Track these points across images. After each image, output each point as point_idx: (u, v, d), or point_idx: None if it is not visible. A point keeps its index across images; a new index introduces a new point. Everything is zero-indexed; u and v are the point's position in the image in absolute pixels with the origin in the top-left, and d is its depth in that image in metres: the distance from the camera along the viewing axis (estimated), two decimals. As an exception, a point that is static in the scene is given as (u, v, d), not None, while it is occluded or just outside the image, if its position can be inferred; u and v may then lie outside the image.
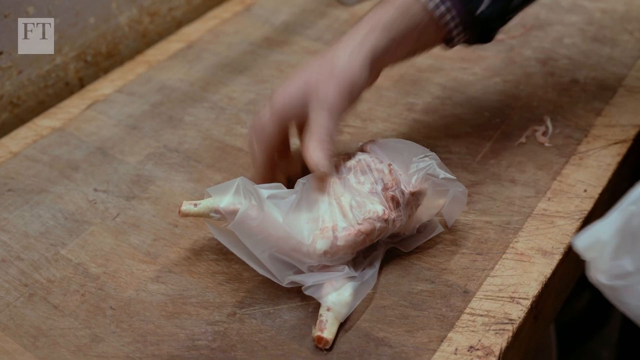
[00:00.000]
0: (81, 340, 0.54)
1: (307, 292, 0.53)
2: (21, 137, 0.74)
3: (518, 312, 0.54)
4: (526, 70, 0.79)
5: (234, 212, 0.54)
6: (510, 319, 0.53)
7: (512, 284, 0.56)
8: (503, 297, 0.55)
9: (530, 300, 0.55)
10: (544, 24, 0.86)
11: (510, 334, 0.52)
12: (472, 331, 0.52)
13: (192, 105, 0.78)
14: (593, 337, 1.32)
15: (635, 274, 0.45)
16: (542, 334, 0.64)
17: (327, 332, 0.52)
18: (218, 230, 0.56)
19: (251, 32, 0.90)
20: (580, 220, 0.61)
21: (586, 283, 1.21)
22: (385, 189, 0.56)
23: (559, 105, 0.74)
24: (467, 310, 0.54)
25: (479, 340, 0.52)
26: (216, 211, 0.55)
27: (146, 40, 0.92)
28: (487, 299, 0.55)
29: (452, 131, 0.71)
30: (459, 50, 0.83)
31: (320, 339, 0.51)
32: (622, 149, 0.68)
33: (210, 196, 0.56)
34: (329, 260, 0.54)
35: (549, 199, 0.63)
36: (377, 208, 0.55)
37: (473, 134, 0.70)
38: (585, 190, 0.63)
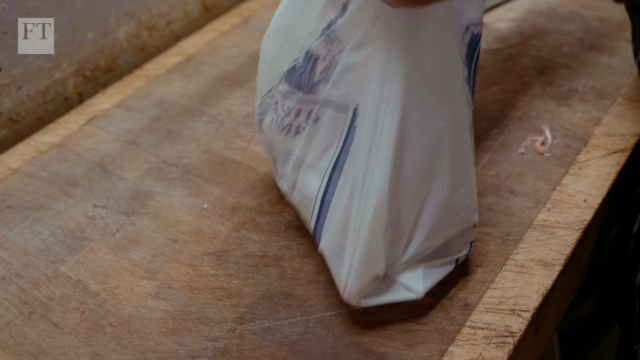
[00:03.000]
0: (81, 358, 0.54)
1: None
2: (20, 153, 0.74)
3: (519, 325, 0.54)
4: (524, 79, 0.79)
5: None
6: (511, 332, 0.53)
7: (513, 296, 0.56)
8: (504, 309, 0.55)
9: (531, 312, 0.54)
10: (541, 32, 0.87)
11: (512, 346, 0.52)
12: (473, 344, 0.52)
13: (190, 120, 0.78)
14: (596, 343, 1.32)
15: None
16: (544, 345, 0.64)
17: None
18: None
19: (249, 44, 0.90)
20: (581, 231, 0.61)
21: (589, 290, 1.21)
22: None
23: (557, 114, 0.74)
24: (468, 323, 0.54)
25: (480, 354, 0.52)
26: None
27: (145, 55, 0.93)
28: (487, 311, 0.55)
29: (451, 142, 0.71)
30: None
31: None
32: (622, 158, 0.67)
33: None
34: None
35: (548, 210, 0.63)
36: None
37: (472, 144, 0.70)
38: (585, 201, 0.63)
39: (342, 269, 0.53)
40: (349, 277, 0.52)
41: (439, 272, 0.56)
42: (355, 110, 0.53)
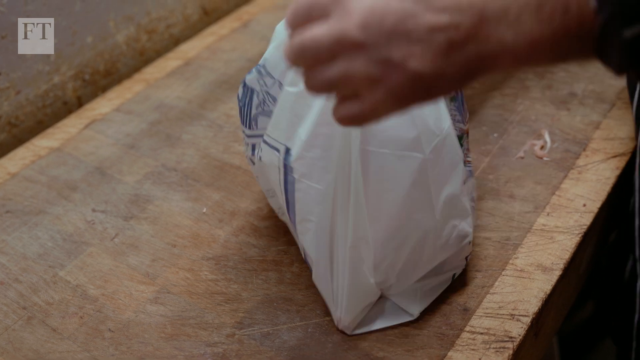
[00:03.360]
0: (80, 363, 0.54)
1: None
2: (19, 157, 0.74)
3: (518, 330, 0.53)
4: (524, 83, 0.79)
5: None
6: (511, 337, 0.53)
7: (512, 301, 0.56)
8: (503, 314, 0.55)
9: (531, 317, 0.54)
10: (541, 36, 0.86)
11: (511, 351, 0.52)
12: (473, 350, 0.52)
13: (190, 124, 0.78)
14: (596, 347, 1.32)
15: None
16: (544, 349, 0.64)
17: None
18: None
19: (248, 48, 0.90)
20: (580, 235, 0.61)
21: (588, 293, 1.21)
22: None
23: (557, 118, 0.73)
24: (467, 328, 0.54)
25: (480, 359, 0.51)
26: None
27: (144, 58, 0.93)
28: (487, 316, 0.55)
29: (450, 146, 0.71)
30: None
31: None
32: (621, 163, 0.67)
33: None
34: None
35: (548, 214, 0.63)
36: None
37: (471, 149, 0.70)
38: (584, 205, 0.63)
39: (333, 302, 0.54)
40: (341, 311, 0.53)
41: (435, 291, 0.56)
42: (288, 151, 0.52)
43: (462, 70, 0.38)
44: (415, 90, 0.38)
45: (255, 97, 0.55)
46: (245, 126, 0.56)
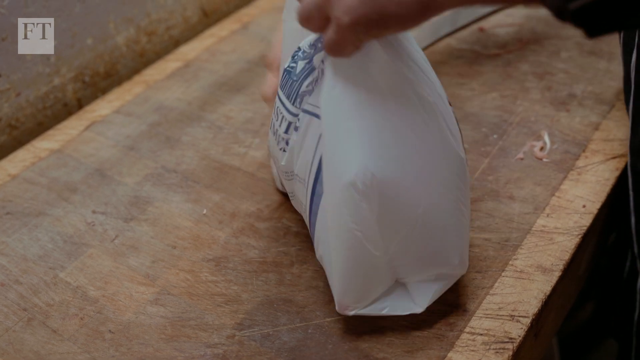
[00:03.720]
0: (80, 365, 0.54)
1: None
2: (19, 159, 0.74)
3: (518, 331, 0.54)
4: (523, 84, 0.79)
5: None
6: (511, 338, 0.53)
7: (512, 302, 0.56)
8: (503, 315, 0.55)
9: (530, 318, 0.54)
10: (540, 37, 0.87)
11: (511, 352, 0.52)
12: (472, 351, 0.52)
13: (189, 125, 0.78)
14: (596, 348, 1.32)
15: None
16: (543, 350, 0.64)
17: None
18: None
19: (248, 50, 0.90)
20: (580, 237, 0.61)
21: (588, 294, 1.21)
22: None
23: (556, 119, 0.74)
24: (467, 329, 0.54)
25: (479, 360, 0.52)
26: None
27: (144, 60, 0.93)
28: (486, 317, 0.55)
29: (449, 147, 0.71)
30: (457, 65, 0.83)
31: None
32: (621, 164, 0.67)
33: None
34: None
35: (547, 215, 0.63)
36: None
37: (471, 150, 0.70)
38: (584, 206, 0.63)
39: (332, 280, 0.53)
40: (336, 290, 0.53)
41: (442, 289, 0.55)
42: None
43: None
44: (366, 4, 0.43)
45: (310, 75, 0.53)
46: (291, 102, 0.54)
